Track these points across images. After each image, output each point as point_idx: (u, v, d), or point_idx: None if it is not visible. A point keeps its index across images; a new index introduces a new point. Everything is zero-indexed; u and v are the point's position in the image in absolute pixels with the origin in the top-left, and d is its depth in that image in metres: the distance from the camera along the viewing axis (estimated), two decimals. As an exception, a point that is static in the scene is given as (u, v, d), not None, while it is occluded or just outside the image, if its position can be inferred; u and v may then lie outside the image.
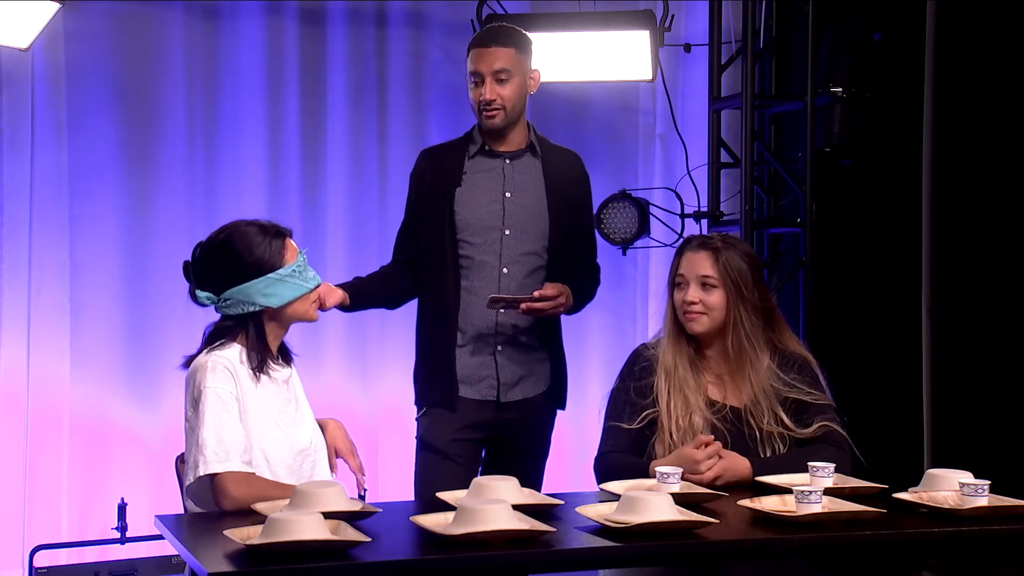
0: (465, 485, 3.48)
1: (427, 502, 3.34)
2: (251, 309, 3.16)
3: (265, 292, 3.15)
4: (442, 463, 3.77)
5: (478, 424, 3.80)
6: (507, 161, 3.84)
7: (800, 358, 3.47)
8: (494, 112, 3.76)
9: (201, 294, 3.19)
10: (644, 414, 3.40)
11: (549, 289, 3.71)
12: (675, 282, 3.46)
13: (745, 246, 3.54)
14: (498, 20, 4.96)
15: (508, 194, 3.82)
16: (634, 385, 3.43)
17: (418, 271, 3.86)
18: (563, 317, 3.89)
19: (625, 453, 3.37)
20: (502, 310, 3.75)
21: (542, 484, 3.87)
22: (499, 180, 3.82)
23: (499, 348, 3.79)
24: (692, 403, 3.38)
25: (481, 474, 3.83)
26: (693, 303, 3.40)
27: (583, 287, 3.89)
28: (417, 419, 3.88)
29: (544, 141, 3.92)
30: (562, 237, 3.85)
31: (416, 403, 3.90)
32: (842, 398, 3.54)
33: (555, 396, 3.93)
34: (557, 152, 3.93)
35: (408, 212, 3.94)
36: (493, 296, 3.70)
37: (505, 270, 3.79)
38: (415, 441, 3.88)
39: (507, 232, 3.79)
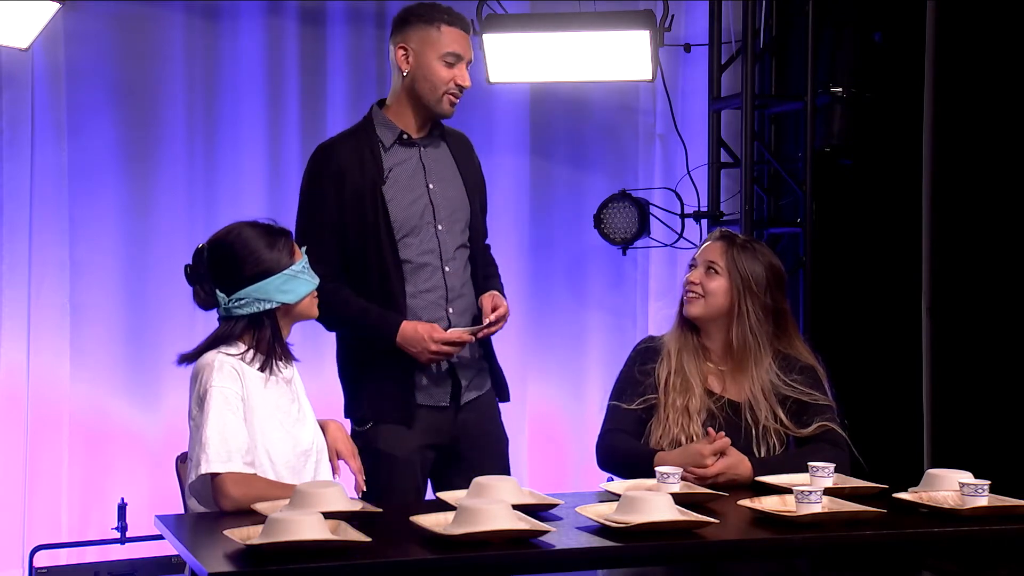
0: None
1: (422, 503, 3.34)
2: (267, 307, 3.16)
3: (283, 289, 3.16)
4: (404, 472, 3.57)
5: (436, 430, 3.62)
6: (423, 149, 3.66)
7: (805, 363, 3.48)
8: (457, 99, 3.63)
9: (217, 294, 3.18)
10: (644, 397, 3.45)
11: (500, 308, 3.58)
12: (690, 266, 3.54)
13: (769, 255, 3.51)
14: (496, 19, 4.96)
15: (431, 185, 3.63)
16: (638, 368, 3.50)
17: (352, 280, 3.59)
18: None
19: (625, 433, 3.42)
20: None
21: (510, 472, 3.70)
22: (420, 171, 3.64)
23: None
24: (692, 386, 3.42)
25: (432, 480, 3.67)
26: (694, 283, 3.48)
27: (498, 280, 3.77)
28: (364, 431, 3.60)
29: (441, 125, 3.75)
30: (477, 223, 3.71)
31: (358, 415, 3.64)
32: (842, 398, 3.54)
33: (497, 388, 3.77)
34: (455, 135, 3.78)
35: (323, 219, 3.58)
36: (455, 337, 3.52)
37: (447, 268, 3.61)
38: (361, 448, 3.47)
39: (440, 227, 3.61)
